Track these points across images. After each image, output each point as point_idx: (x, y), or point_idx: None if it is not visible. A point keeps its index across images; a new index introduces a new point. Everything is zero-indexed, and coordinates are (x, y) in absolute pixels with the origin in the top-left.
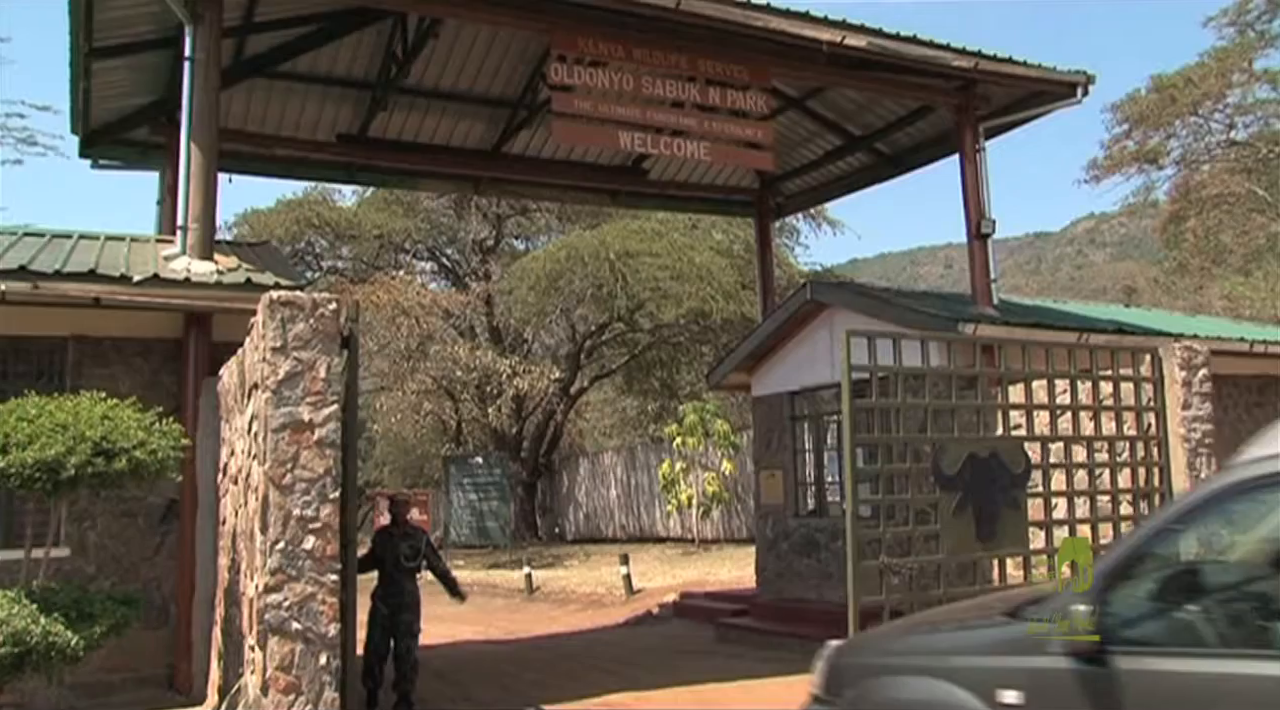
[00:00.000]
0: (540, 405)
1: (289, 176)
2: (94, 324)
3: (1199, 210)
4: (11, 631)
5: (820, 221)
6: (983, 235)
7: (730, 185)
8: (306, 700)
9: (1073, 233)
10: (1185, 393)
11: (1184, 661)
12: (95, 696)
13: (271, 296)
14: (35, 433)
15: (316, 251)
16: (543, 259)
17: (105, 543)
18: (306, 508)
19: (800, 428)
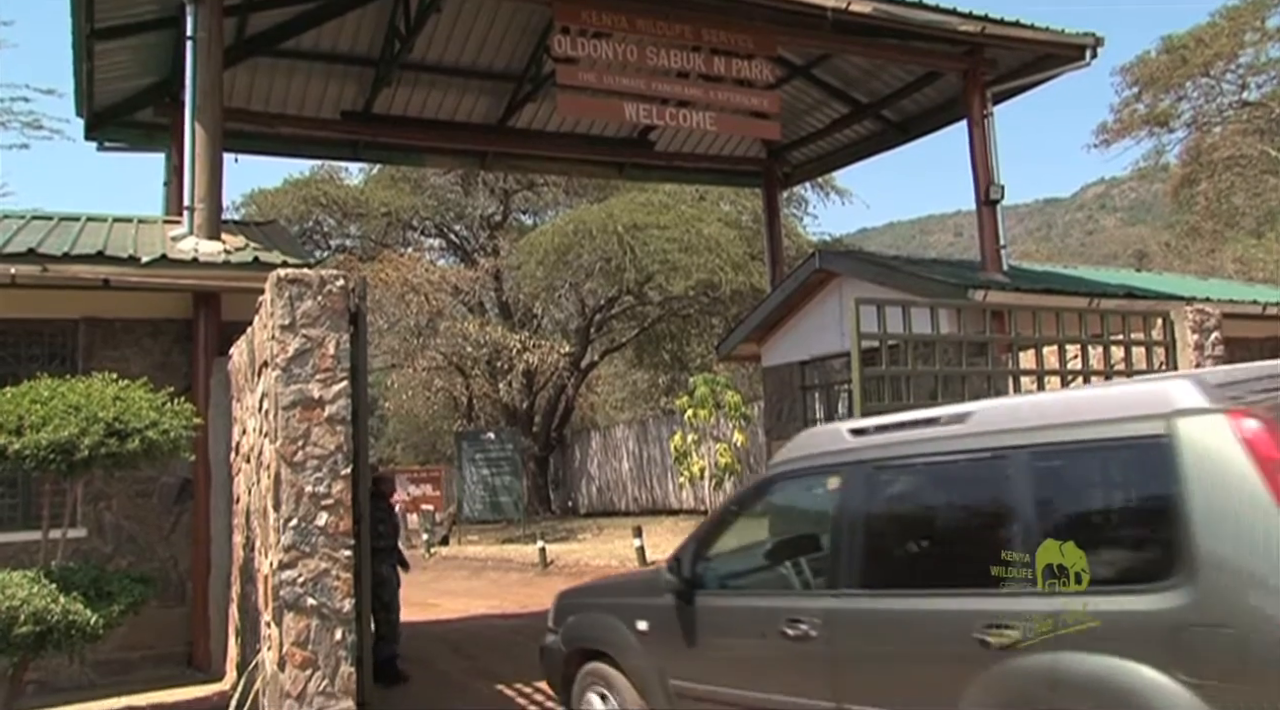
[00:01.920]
0: (551, 380)
1: (294, 155)
2: (104, 305)
3: (1211, 173)
4: (33, 611)
5: (828, 191)
6: (991, 201)
7: (737, 156)
8: (323, 675)
9: (1083, 198)
10: (1197, 356)
11: (726, 598)
12: (116, 674)
13: (279, 274)
14: (49, 414)
15: (324, 230)
16: (551, 233)
17: (121, 522)
18: (318, 484)
19: (811, 397)
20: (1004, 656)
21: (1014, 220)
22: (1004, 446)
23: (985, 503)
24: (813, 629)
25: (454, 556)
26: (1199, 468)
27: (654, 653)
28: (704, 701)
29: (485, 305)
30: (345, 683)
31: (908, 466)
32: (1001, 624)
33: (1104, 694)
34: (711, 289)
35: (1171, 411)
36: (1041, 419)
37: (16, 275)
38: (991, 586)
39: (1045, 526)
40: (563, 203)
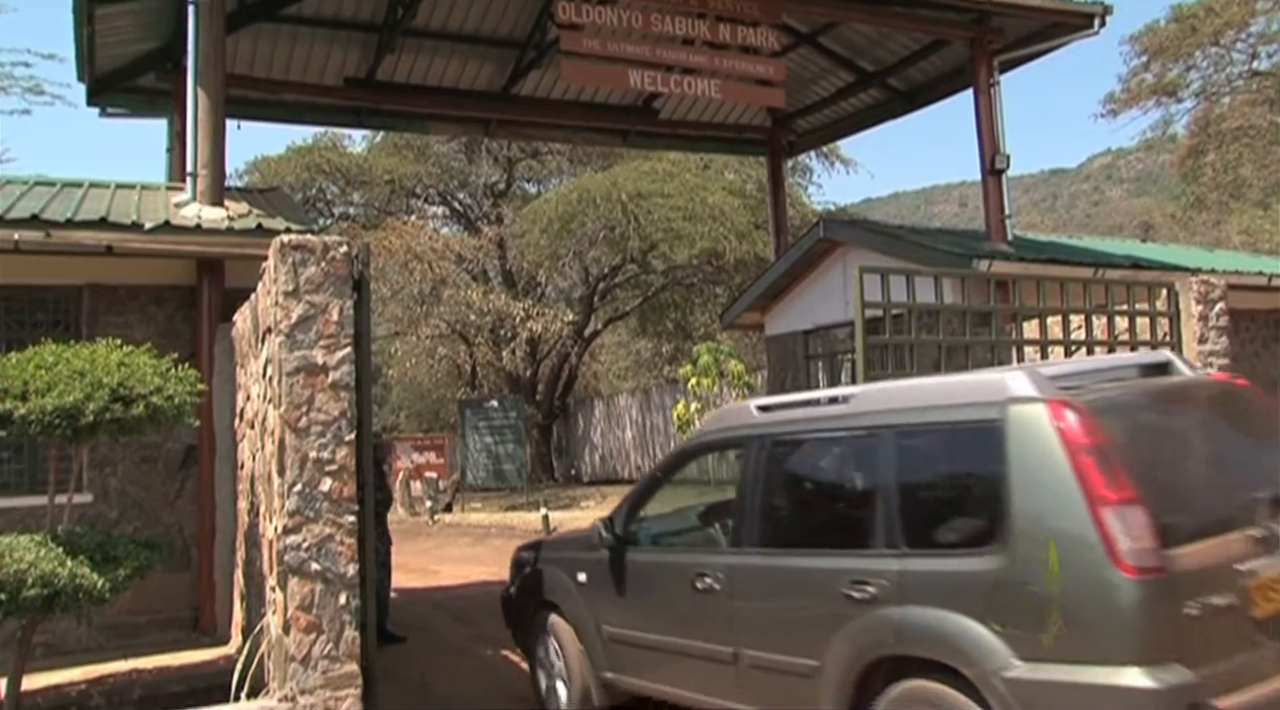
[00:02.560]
0: (554, 348)
1: (297, 121)
2: (108, 272)
3: (1218, 144)
4: (40, 574)
5: (833, 160)
6: (997, 171)
7: (742, 124)
8: (327, 639)
9: (1089, 169)
10: (1201, 327)
11: (651, 554)
12: (123, 637)
13: (283, 240)
14: (54, 380)
15: (328, 198)
16: (554, 201)
17: (126, 488)
18: (322, 450)
19: (814, 366)
20: (863, 608)
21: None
22: (875, 425)
23: (857, 474)
24: (717, 582)
25: (457, 524)
26: (1021, 449)
27: (590, 602)
28: (630, 645)
29: (489, 273)
30: (349, 646)
31: (799, 441)
32: (862, 580)
33: (933, 641)
34: (715, 258)
35: (1005, 399)
36: (907, 402)
37: (20, 241)
38: (858, 548)
39: (902, 496)
40: (566, 171)
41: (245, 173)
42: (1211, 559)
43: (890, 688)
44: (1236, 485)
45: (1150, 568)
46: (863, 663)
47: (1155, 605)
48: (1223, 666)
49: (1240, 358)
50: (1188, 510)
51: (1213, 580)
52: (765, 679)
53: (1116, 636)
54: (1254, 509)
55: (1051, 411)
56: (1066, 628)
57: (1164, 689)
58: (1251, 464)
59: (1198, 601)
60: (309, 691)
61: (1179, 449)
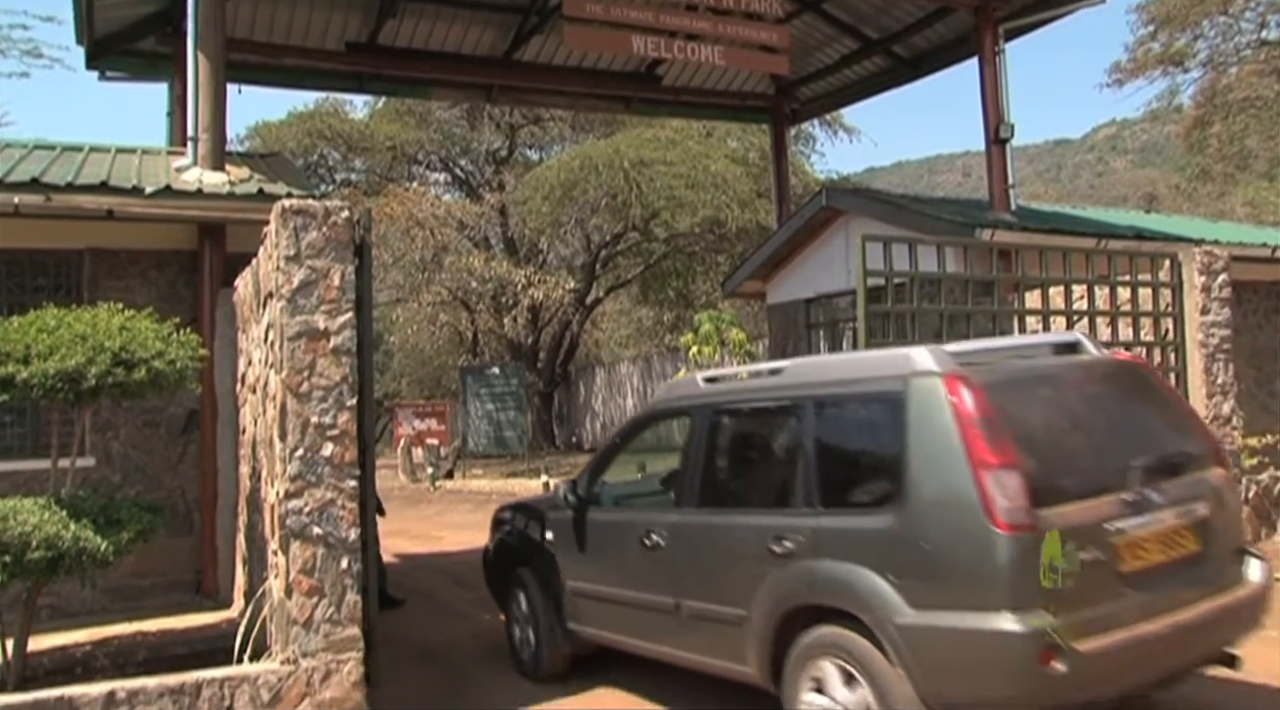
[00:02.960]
0: (556, 316)
1: (298, 86)
2: (108, 236)
3: (1225, 114)
4: (44, 536)
5: (836, 128)
6: (1001, 140)
7: (745, 91)
8: (329, 603)
9: (1093, 140)
10: (1204, 298)
11: (608, 514)
12: (127, 600)
13: (284, 205)
14: (55, 344)
15: (329, 164)
16: (557, 168)
17: (129, 452)
18: (324, 415)
19: (816, 335)
20: (783, 562)
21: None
22: (799, 396)
23: (783, 440)
24: (662, 539)
25: (458, 490)
26: (918, 418)
27: (556, 559)
28: (590, 598)
29: (490, 240)
30: (351, 610)
31: (736, 410)
32: (783, 536)
33: (838, 591)
34: (717, 226)
35: (909, 373)
36: (828, 375)
37: (20, 205)
38: (781, 507)
39: (819, 461)
40: (569, 138)
41: (246, 138)
42: (1081, 519)
43: (804, 634)
44: (1116, 454)
45: (1022, 525)
46: (781, 611)
47: (1024, 558)
48: (1087, 614)
49: (1242, 329)
50: (1063, 475)
51: (1081, 538)
52: (702, 628)
53: (990, 586)
54: (1128, 475)
55: (947, 385)
56: (950, 579)
57: (1028, 632)
58: (1134, 435)
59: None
60: (311, 654)
61: (1062, 421)
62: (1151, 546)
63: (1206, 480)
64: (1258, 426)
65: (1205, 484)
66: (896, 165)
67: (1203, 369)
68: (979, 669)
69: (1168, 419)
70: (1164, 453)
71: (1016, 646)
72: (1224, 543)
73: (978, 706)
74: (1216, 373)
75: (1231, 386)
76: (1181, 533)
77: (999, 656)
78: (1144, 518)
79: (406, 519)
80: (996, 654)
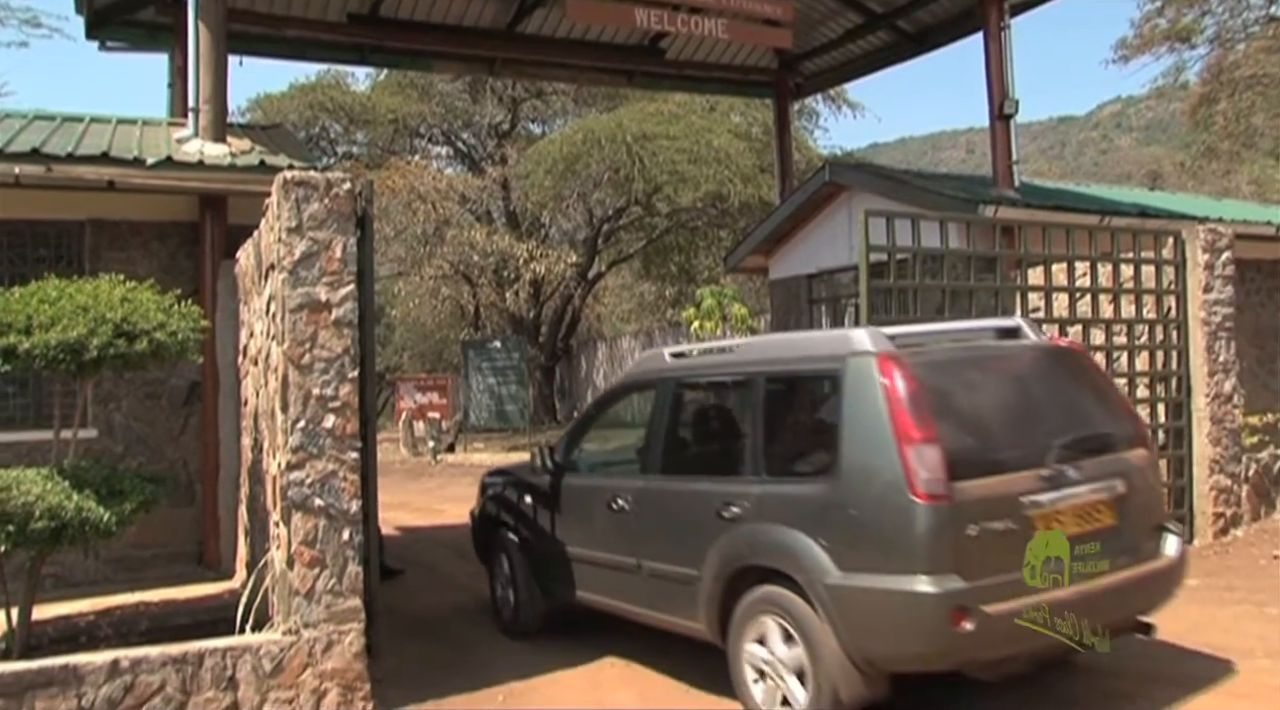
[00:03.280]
0: (558, 290)
1: (300, 58)
2: (109, 207)
3: (1231, 92)
4: (47, 507)
5: (840, 104)
6: (1005, 116)
7: (749, 65)
8: (331, 574)
9: (1098, 117)
10: (1207, 276)
11: (582, 479)
12: (129, 571)
13: (286, 176)
14: (57, 315)
15: (331, 137)
16: (559, 142)
17: (131, 424)
18: (326, 387)
19: (818, 310)
20: (730, 525)
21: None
22: (751, 371)
23: (734, 412)
24: (627, 504)
25: (460, 464)
26: (852, 395)
27: (533, 521)
28: (563, 558)
29: (493, 214)
30: (353, 581)
31: (696, 383)
32: (731, 502)
33: (777, 553)
34: (720, 201)
35: (848, 353)
36: (777, 352)
37: (20, 175)
38: (731, 475)
39: (765, 432)
40: (571, 112)
41: (247, 110)
42: (997, 491)
43: (748, 593)
44: (1038, 433)
45: (939, 496)
46: (728, 571)
47: (940, 526)
48: (998, 579)
49: (1245, 308)
50: (983, 451)
51: (995, 509)
52: (660, 586)
53: (908, 551)
54: (1047, 453)
55: (880, 365)
56: (873, 543)
57: (939, 593)
58: (1058, 416)
59: (978, 525)
60: (313, 625)
61: (988, 401)
62: (1067, 519)
63: (1127, 460)
64: (1258, 405)
65: (1125, 463)
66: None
67: (1204, 347)
68: (896, 627)
69: (1096, 402)
70: (1086, 433)
71: (930, 607)
72: (1142, 518)
73: (895, 661)
74: (1218, 351)
75: (1233, 365)
76: (1098, 508)
77: (914, 616)
78: (1059, 493)
79: (408, 492)
80: (912, 613)
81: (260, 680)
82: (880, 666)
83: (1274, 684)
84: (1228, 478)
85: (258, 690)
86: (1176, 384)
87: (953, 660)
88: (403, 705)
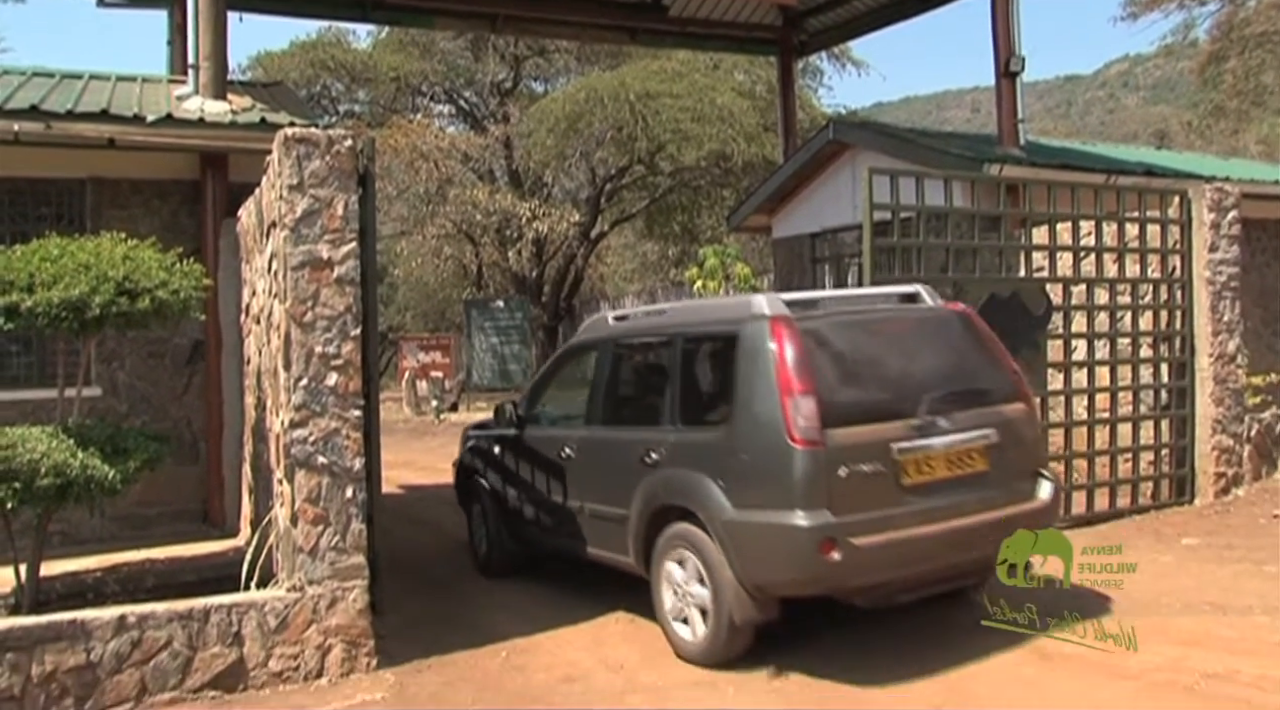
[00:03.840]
0: (560, 249)
1: (300, 15)
2: (110, 165)
3: (1241, 49)
4: (53, 464)
5: (844, 62)
6: (1011, 73)
7: (752, 22)
8: (335, 531)
9: (1105, 75)
10: (1213, 235)
11: (539, 431)
12: (135, 528)
13: (287, 133)
14: (59, 273)
15: (332, 95)
16: (562, 101)
17: (135, 383)
18: (328, 345)
19: (821, 270)
20: (651, 470)
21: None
22: (673, 333)
23: (659, 369)
24: (572, 452)
25: (463, 423)
26: (747, 353)
27: (501, 468)
28: (524, 502)
29: (495, 173)
30: (356, 538)
31: (631, 344)
32: (652, 449)
33: (685, 494)
34: (723, 160)
35: (748, 316)
36: (695, 316)
37: (19, 132)
38: (654, 425)
39: (682, 386)
40: (574, 70)
41: (248, 68)
42: (867, 438)
43: (665, 529)
44: (915, 387)
45: (813, 441)
46: (649, 510)
47: (813, 468)
48: (867, 516)
49: (1250, 268)
50: (858, 403)
51: (865, 453)
52: (598, 526)
53: (786, 489)
54: (920, 404)
55: (771, 327)
56: (760, 483)
57: (810, 527)
58: (936, 372)
59: (848, 468)
60: (317, 582)
61: (870, 359)
62: (937, 464)
63: (1002, 413)
64: (1262, 365)
65: (1000, 416)
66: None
67: (1209, 306)
68: (777, 556)
69: (978, 361)
70: (961, 388)
71: (803, 538)
72: (1016, 465)
73: (777, 587)
74: (1222, 310)
75: (1237, 324)
76: (970, 454)
77: (790, 546)
78: (928, 440)
79: (411, 451)
80: (789, 544)
81: (265, 636)
82: (768, 592)
83: (1273, 640)
84: (1230, 438)
85: (263, 646)
86: (1180, 344)
87: (825, 586)
88: (407, 660)
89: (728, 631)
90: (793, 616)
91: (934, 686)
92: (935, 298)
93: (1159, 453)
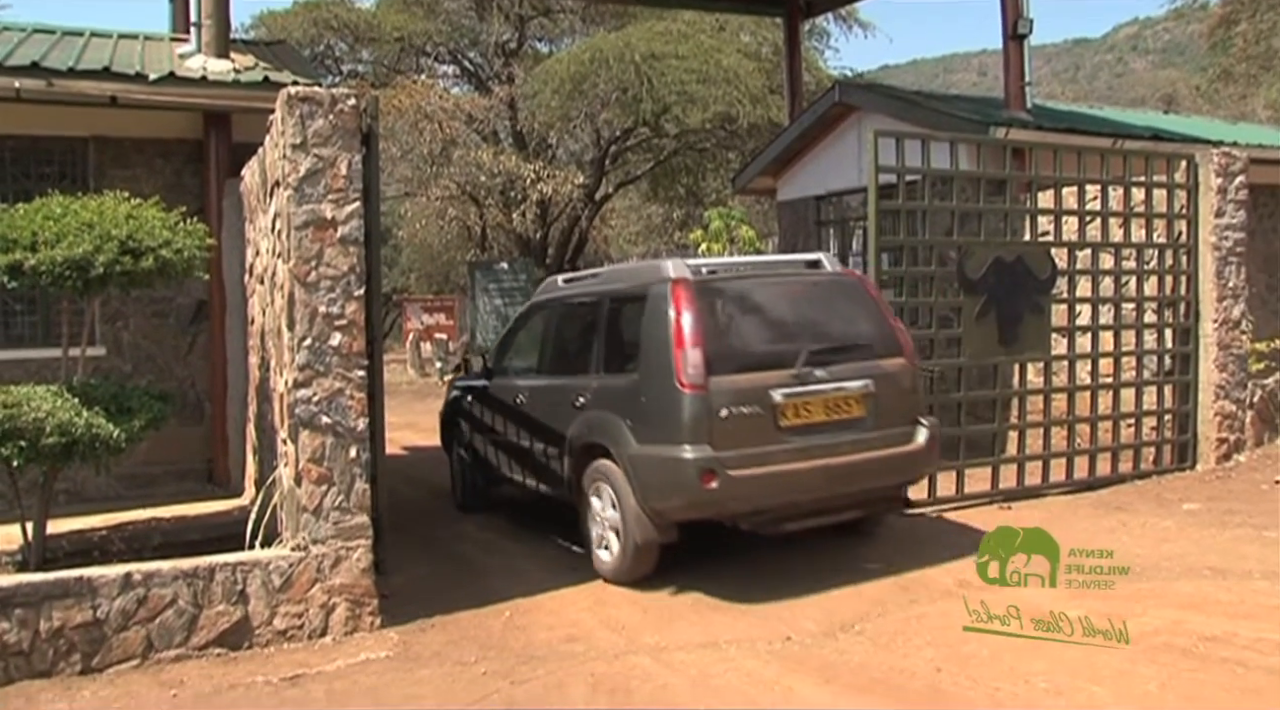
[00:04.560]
0: (565, 211)
1: None
2: (113, 124)
3: (1252, 12)
4: (57, 423)
5: (851, 24)
6: (1019, 35)
7: None
8: (338, 491)
9: (1114, 39)
10: (1219, 200)
11: (503, 381)
12: (141, 487)
13: (290, 92)
14: (62, 231)
15: (335, 55)
16: (566, 62)
17: (139, 342)
18: (332, 305)
19: (826, 232)
20: (579, 412)
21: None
22: (601, 293)
23: (591, 325)
24: (524, 399)
25: None
26: (652, 311)
27: (473, 415)
28: (490, 445)
29: (499, 134)
30: (360, 498)
31: (572, 303)
32: (580, 394)
33: (602, 432)
34: (729, 122)
35: (658, 279)
36: (620, 279)
37: (21, 89)
38: (583, 373)
39: (606, 339)
40: (579, 30)
41: (251, 28)
42: (747, 385)
43: (591, 464)
44: (799, 342)
45: (698, 386)
46: (577, 447)
47: (698, 409)
48: (746, 452)
49: (1256, 233)
50: (742, 354)
51: (745, 397)
52: (541, 463)
53: (676, 427)
54: (799, 356)
55: (672, 289)
56: (657, 422)
57: (693, 459)
58: (823, 330)
59: (729, 410)
60: (321, 541)
61: (758, 317)
62: (815, 409)
63: (881, 366)
64: (1266, 331)
65: (878, 369)
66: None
67: (1214, 272)
68: (667, 485)
69: (864, 321)
70: (844, 343)
71: (687, 469)
72: (893, 413)
73: (670, 511)
74: (1228, 276)
75: (1242, 290)
76: (846, 402)
77: (677, 476)
78: (805, 388)
79: (415, 413)
80: (676, 474)
81: (270, 594)
82: (664, 516)
83: (1272, 604)
84: (1232, 403)
85: (267, 604)
86: (1184, 309)
87: (708, 511)
88: (410, 620)
89: (634, 551)
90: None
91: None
92: (835, 264)
93: (1161, 418)
